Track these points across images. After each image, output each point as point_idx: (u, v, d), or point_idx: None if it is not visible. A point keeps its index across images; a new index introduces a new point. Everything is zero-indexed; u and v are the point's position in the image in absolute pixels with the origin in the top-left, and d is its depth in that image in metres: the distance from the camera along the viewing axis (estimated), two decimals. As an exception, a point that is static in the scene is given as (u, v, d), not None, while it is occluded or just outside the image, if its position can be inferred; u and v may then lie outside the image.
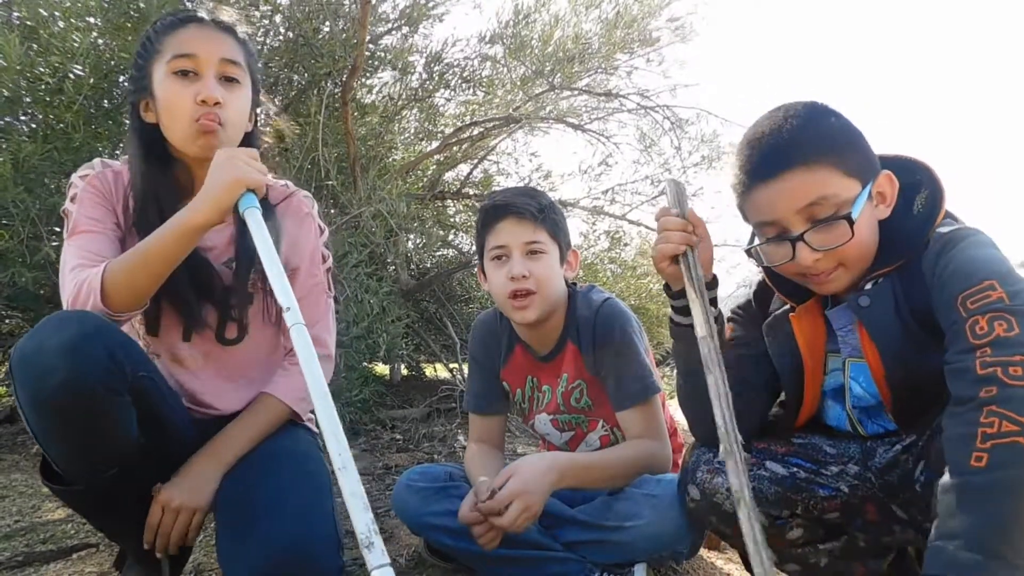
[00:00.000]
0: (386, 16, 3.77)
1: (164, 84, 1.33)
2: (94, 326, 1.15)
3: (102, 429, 1.18)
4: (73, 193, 1.38)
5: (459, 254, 4.62)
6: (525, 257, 1.66)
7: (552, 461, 1.53)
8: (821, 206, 1.16)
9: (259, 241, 1.13)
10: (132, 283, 1.22)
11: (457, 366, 3.90)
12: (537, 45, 4.24)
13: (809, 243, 1.18)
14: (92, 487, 1.25)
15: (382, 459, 2.83)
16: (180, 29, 1.36)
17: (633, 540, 1.51)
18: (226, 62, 1.36)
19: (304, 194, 1.57)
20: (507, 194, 1.74)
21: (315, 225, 1.56)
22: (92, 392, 1.12)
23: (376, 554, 0.81)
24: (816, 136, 1.19)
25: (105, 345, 1.14)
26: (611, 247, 4.81)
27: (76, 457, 1.21)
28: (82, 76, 2.57)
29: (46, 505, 2.09)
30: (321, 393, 0.94)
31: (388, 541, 1.92)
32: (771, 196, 1.20)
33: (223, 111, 1.33)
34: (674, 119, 4.50)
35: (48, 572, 1.63)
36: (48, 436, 1.18)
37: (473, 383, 1.91)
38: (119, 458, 1.23)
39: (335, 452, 0.89)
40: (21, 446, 2.75)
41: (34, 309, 2.87)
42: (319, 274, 1.55)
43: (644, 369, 1.68)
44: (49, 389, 1.09)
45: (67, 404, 1.11)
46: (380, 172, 3.63)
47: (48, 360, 1.09)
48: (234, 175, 1.19)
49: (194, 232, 1.22)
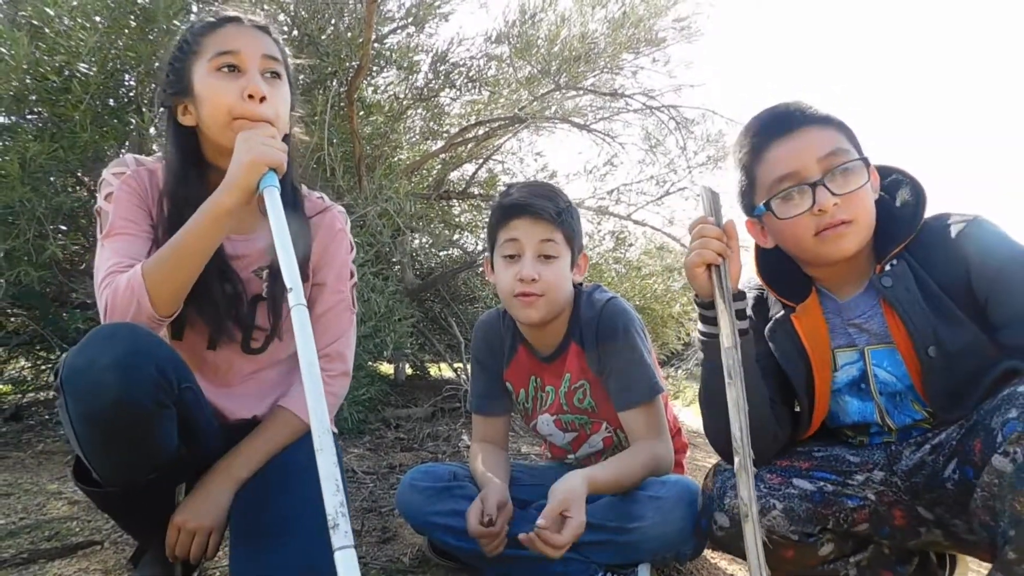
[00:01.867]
0: (392, 15, 3.77)
1: (207, 82, 1.33)
2: (144, 341, 1.17)
3: (148, 441, 1.20)
4: (108, 191, 1.37)
5: (464, 254, 4.62)
6: (537, 259, 1.64)
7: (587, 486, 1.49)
8: (837, 156, 1.28)
9: (273, 219, 1.13)
10: (171, 280, 1.23)
11: (461, 365, 3.89)
12: (543, 45, 4.24)
13: (829, 187, 1.27)
14: (127, 491, 1.27)
15: (386, 458, 2.83)
16: (220, 29, 1.36)
17: (637, 541, 1.51)
18: (268, 58, 1.37)
19: (339, 209, 1.57)
20: (526, 191, 1.69)
21: (347, 241, 1.57)
22: (143, 408, 1.14)
23: (339, 536, 0.82)
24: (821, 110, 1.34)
25: (155, 360, 1.16)
26: (616, 247, 4.81)
27: (120, 466, 1.22)
28: (88, 75, 2.57)
29: (51, 503, 2.09)
30: (313, 376, 0.94)
31: (392, 540, 1.92)
32: (790, 148, 1.31)
33: (268, 106, 1.32)
34: (679, 119, 4.50)
35: (52, 569, 1.64)
36: (95, 448, 1.19)
37: (476, 384, 1.91)
38: (159, 466, 1.25)
39: (316, 434, 0.90)
40: (26, 444, 2.76)
41: (39, 307, 2.88)
42: (345, 290, 1.55)
43: (647, 369, 1.67)
44: (102, 406, 1.10)
45: (119, 420, 1.12)
46: (386, 171, 3.63)
47: (101, 376, 1.10)
48: (253, 155, 1.20)
49: (223, 216, 1.22)
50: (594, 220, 4.82)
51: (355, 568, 0.80)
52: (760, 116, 1.38)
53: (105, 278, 1.25)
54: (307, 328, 0.99)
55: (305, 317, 1.00)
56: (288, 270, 1.05)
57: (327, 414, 0.92)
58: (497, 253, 1.71)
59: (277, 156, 1.21)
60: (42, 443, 2.75)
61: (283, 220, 1.12)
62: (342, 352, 1.54)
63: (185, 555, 1.30)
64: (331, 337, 1.53)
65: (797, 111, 1.33)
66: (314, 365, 0.96)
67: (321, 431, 0.90)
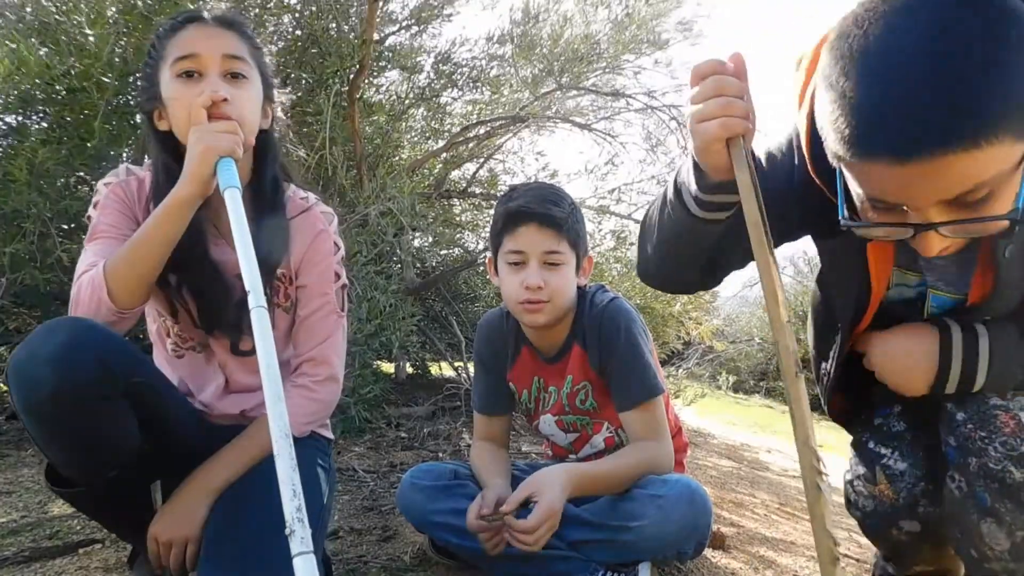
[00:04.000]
0: (395, 16, 3.78)
1: (170, 88, 1.31)
2: (84, 333, 1.15)
3: (97, 434, 1.19)
4: (96, 200, 1.38)
5: (465, 252, 4.63)
6: (542, 267, 1.63)
7: (568, 476, 1.52)
8: (975, 192, 0.81)
9: (233, 219, 1.11)
10: (130, 273, 1.23)
11: (463, 364, 3.90)
12: (546, 44, 4.24)
13: (944, 233, 0.87)
14: (95, 489, 1.26)
15: (387, 457, 2.84)
16: (181, 31, 1.33)
17: (638, 540, 1.51)
18: (230, 58, 1.33)
19: (323, 209, 1.54)
20: (531, 196, 1.67)
21: (330, 242, 1.52)
22: (81, 400, 1.13)
23: (296, 542, 0.82)
24: (1000, 90, 0.74)
25: (95, 352, 1.14)
26: (616, 246, 4.80)
27: (74, 461, 1.22)
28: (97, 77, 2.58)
29: (52, 501, 2.10)
30: (272, 378, 0.94)
31: (393, 539, 1.92)
32: (905, 180, 0.81)
33: (231, 108, 1.29)
34: (681, 118, 4.50)
35: (54, 568, 1.64)
36: (44, 442, 1.20)
37: (479, 383, 1.91)
38: (118, 461, 1.24)
39: (276, 437, 0.89)
40: (27, 442, 2.75)
41: (41, 307, 2.88)
42: (329, 292, 1.51)
43: (648, 370, 1.67)
44: (39, 399, 1.11)
45: (58, 413, 1.12)
46: (387, 171, 3.64)
47: (38, 370, 1.10)
48: (204, 143, 1.19)
49: (181, 207, 1.22)
50: (595, 219, 4.82)
51: (314, 573, 0.80)
52: (887, 86, 0.78)
53: (78, 278, 1.27)
54: (267, 331, 0.98)
55: (265, 319, 0.99)
56: (248, 272, 1.04)
57: (286, 417, 0.91)
58: (501, 258, 1.70)
59: (227, 143, 1.20)
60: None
61: (244, 221, 1.11)
62: (327, 356, 1.49)
63: (166, 566, 1.29)
64: (316, 340, 1.49)
65: (952, 116, 0.75)
66: (273, 368, 0.95)
67: (280, 435, 0.89)
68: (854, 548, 2.36)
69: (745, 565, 1.96)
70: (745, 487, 3.25)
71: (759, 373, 12.72)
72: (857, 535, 2.59)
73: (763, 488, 3.32)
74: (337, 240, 1.54)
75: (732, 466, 3.92)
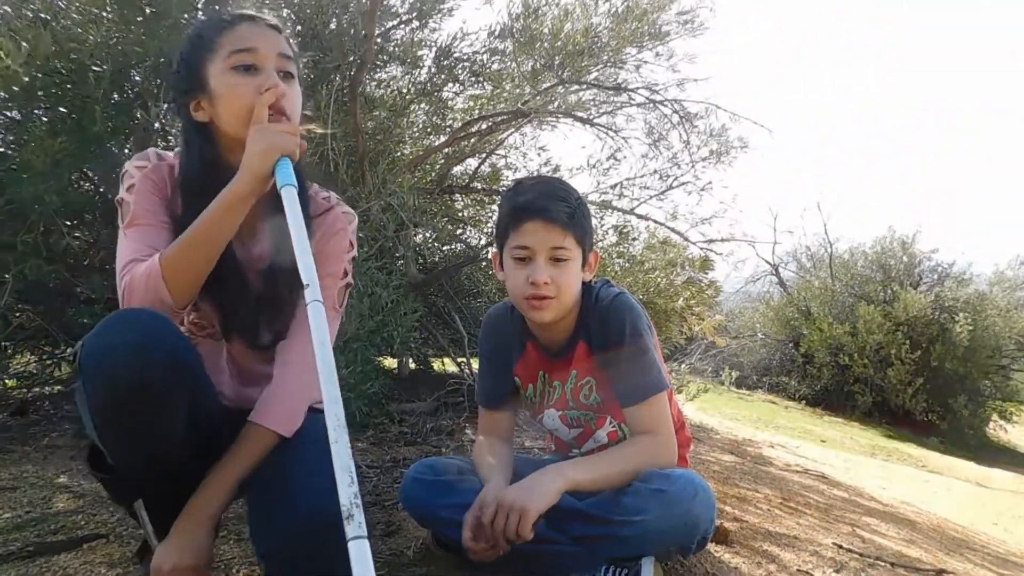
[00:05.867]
0: (396, 10, 3.77)
1: (223, 79, 1.35)
2: (160, 327, 1.20)
3: (160, 424, 1.22)
4: (130, 183, 1.40)
5: (467, 248, 4.62)
6: (548, 263, 1.63)
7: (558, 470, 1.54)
8: None
9: (291, 216, 1.13)
10: (187, 269, 1.27)
11: (465, 360, 3.90)
12: (547, 38, 4.23)
13: None
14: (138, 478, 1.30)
15: (390, 452, 2.84)
16: (236, 26, 1.38)
17: (641, 535, 1.50)
18: (283, 57, 1.38)
19: (344, 210, 1.56)
20: (537, 192, 1.66)
21: (345, 241, 1.54)
22: (156, 392, 1.17)
23: (353, 526, 0.82)
24: None
25: (170, 344, 1.19)
26: (619, 242, 4.80)
27: (131, 449, 1.24)
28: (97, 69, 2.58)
29: (56, 496, 2.10)
30: (329, 371, 0.95)
31: (396, 534, 1.92)
32: None
33: (288, 103, 1.35)
34: (683, 113, 4.49)
35: (58, 562, 1.65)
36: (108, 430, 1.22)
37: (483, 378, 1.91)
38: (168, 451, 1.27)
39: (331, 427, 0.91)
40: (31, 438, 2.77)
41: (44, 303, 2.88)
42: (331, 288, 1.51)
43: (653, 365, 1.67)
44: (117, 388, 1.14)
45: (133, 402, 1.16)
46: (389, 166, 3.63)
47: (117, 359, 1.14)
48: (266, 142, 1.23)
49: (238, 203, 1.25)
50: (597, 214, 4.81)
51: (368, 558, 0.81)
52: None
53: (125, 266, 1.29)
54: (323, 325, 0.99)
55: (322, 314, 1.01)
56: (305, 267, 1.06)
57: (342, 412, 0.93)
58: (507, 253, 1.69)
59: (290, 144, 1.24)
60: (47, 437, 2.76)
61: (300, 218, 1.13)
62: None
63: None
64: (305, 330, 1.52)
65: None
66: (330, 365, 0.96)
67: (336, 425, 0.91)
68: (857, 543, 2.37)
69: (748, 560, 1.96)
70: (748, 482, 3.25)
71: (762, 369, 12.74)
72: (861, 530, 2.60)
73: (766, 483, 3.32)
74: (352, 240, 1.55)
75: (735, 461, 3.92)
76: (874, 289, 11.84)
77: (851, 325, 11.22)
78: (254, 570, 1.64)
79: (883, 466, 5.93)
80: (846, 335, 11.11)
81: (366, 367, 3.06)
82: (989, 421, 11.49)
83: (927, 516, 3.65)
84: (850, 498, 3.49)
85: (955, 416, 10.57)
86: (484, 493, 1.56)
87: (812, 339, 11.47)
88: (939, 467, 6.90)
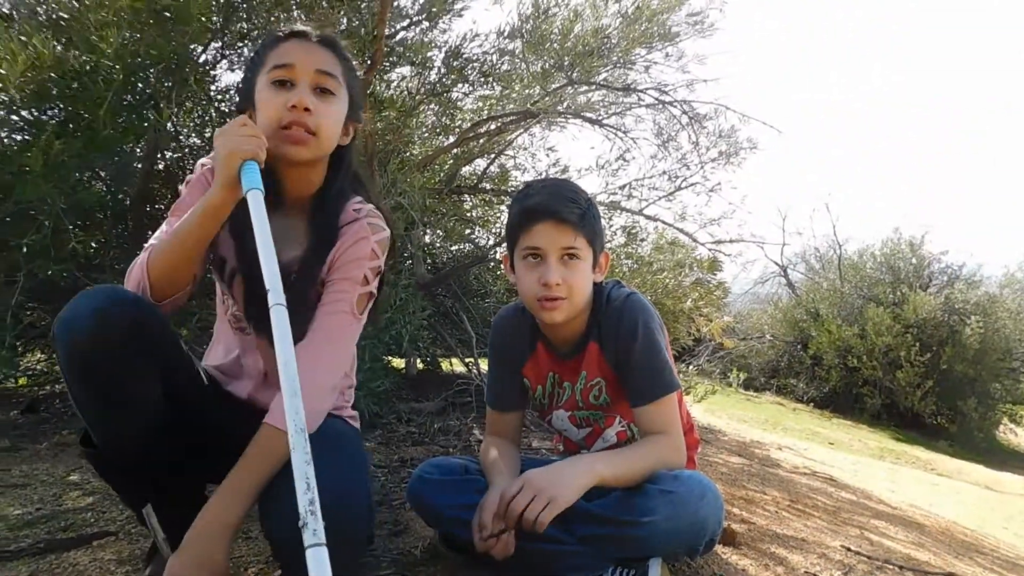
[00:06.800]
0: (406, 11, 3.77)
1: (262, 93, 1.40)
2: (123, 296, 1.27)
3: (125, 389, 1.26)
4: (189, 177, 1.48)
5: (475, 248, 4.63)
6: (560, 263, 1.63)
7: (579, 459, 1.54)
8: None
9: (256, 220, 1.14)
10: (166, 263, 1.31)
11: (473, 360, 3.90)
12: (556, 39, 4.23)
13: None
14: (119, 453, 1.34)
15: (397, 452, 2.85)
16: (283, 43, 1.43)
17: (649, 536, 1.50)
18: (321, 73, 1.41)
19: (371, 221, 1.54)
20: (547, 193, 1.67)
21: (367, 248, 1.52)
22: (115, 351, 1.21)
23: (308, 534, 0.84)
24: None
25: (131, 313, 1.24)
26: (627, 243, 4.80)
27: (102, 416, 1.29)
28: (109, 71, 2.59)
29: (67, 493, 2.12)
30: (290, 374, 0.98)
31: (403, 533, 1.93)
32: None
33: (314, 119, 1.37)
34: (692, 114, 4.49)
35: (68, 559, 1.66)
36: (78, 392, 1.27)
37: (492, 378, 1.91)
38: (142, 422, 1.31)
39: (292, 432, 0.92)
40: (42, 435, 2.79)
41: (52, 301, 2.90)
42: (351, 291, 1.49)
43: (664, 365, 1.67)
44: (80, 346, 1.20)
45: (94, 360, 1.21)
46: (399, 166, 3.64)
47: (79, 322, 1.20)
48: (227, 149, 1.24)
49: (211, 211, 1.28)
50: (606, 215, 4.80)
51: (327, 566, 0.82)
52: None
53: (144, 249, 1.36)
54: (286, 328, 1.02)
55: (284, 317, 1.04)
56: (268, 271, 1.08)
57: (302, 412, 0.94)
58: (518, 255, 1.69)
59: (250, 146, 1.25)
60: (57, 435, 2.78)
61: (265, 221, 1.14)
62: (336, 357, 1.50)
63: None
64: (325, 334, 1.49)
65: None
66: (291, 364, 0.99)
67: (295, 430, 0.92)
68: (866, 546, 2.36)
69: (756, 562, 1.96)
70: (756, 484, 3.24)
71: (770, 370, 12.72)
72: (870, 532, 2.59)
73: (774, 485, 3.31)
74: (376, 250, 1.53)
75: (743, 463, 3.91)
76: (883, 291, 11.79)
77: (860, 327, 11.19)
78: (263, 569, 1.65)
79: (892, 469, 5.90)
80: (855, 337, 11.08)
81: (375, 364, 3.06)
82: (999, 424, 11.44)
83: (936, 519, 3.64)
84: (858, 501, 3.48)
85: (965, 419, 10.53)
86: (490, 493, 1.56)
87: (821, 341, 11.44)
88: (948, 470, 6.87)
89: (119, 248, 3.06)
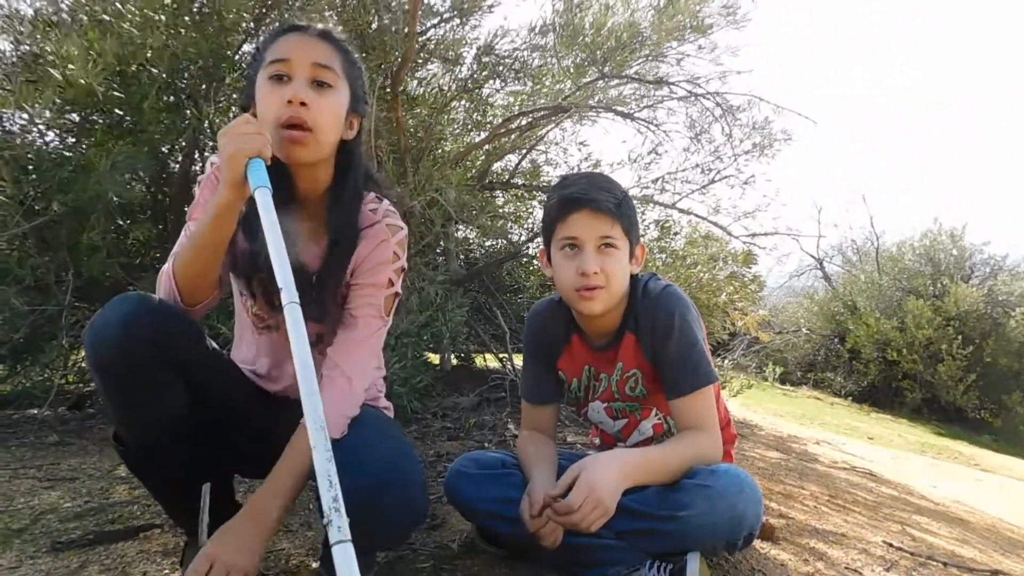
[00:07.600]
0: (436, 8, 3.79)
1: (261, 89, 1.39)
2: (149, 306, 1.30)
3: (150, 395, 1.31)
4: (201, 177, 1.50)
5: (508, 244, 4.63)
6: (597, 252, 1.64)
7: (623, 462, 1.52)
8: None
9: (264, 218, 1.14)
10: (190, 269, 1.36)
11: (507, 356, 3.91)
12: (589, 33, 4.21)
13: None
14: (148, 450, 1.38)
15: (433, 447, 2.87)
16: (281, 38, 1.42)
17: (686, 530, 1.50)
18: (318, 66, 1.39)
19: (389, 223, 1.54)
20: (583, 184, 1.68)
21: (389, 251, 1.52)
22: (139, 359, 1.26)
23: (333, 531, 0.85)
24: None
25: (157, 322, 1.29)
26: (660, 236, 4.76)
27: (129, 417, 1.34)
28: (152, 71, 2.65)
29: (114, 487, 2.17)
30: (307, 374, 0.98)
31: (440, 527, 1.94)
32: None
33: (310, 113, 1.35)
34: (725, 106, 4.43)
35: (116, 550, 1.70)
36: (105, 395, 1.33)
37: (527, 372, 1.92)
38: (168, 425, 1.35)
39: (312, 430, 0.93)
40: (88, 431, 2.86)
41: (100, 300, 2.97)
42: (377, 295, 1.51)
43: (701, 357, 1.66)
44: (104, 353, 1.26)
45: (118, 367, 1.26)
46: (432, 163, 3.66)
47: (107, 331, 1.25)
48: (231, 148, 1.23)
49: (222, 212, 1.29)
50: (639, 209, 4.77)
51: (353, 561, 0.82)
52: None
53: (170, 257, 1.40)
54: (300, 326, 1.02)
55: (298, 315, 1.03)
56: (280, 269, 1.08)
57: (321, 409, 0.95)
58: (555, 246, 1.70)
59: (254, 144, 1.24)
60: (104, 431, 2.85)
61: (275, 220, 1.13)
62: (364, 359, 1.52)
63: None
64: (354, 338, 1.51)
65: None
66: (307, 363, 0.99)
67: (315, 428, 0.93)
68: (908, 541, 2.32)
69: (795, 557, 1.94)
70: (794, 478, 3.21)
71: (806, 364, 12.53)
72: (911, 528, 2.55)
73: (812, 480, 3.27)
74: (398, 251, 1.54)
75: (780, 457, 3.87)
76: (923, 283, 11.53)
77: (899, 320, 10.97)
78: (303, 561, 1.68)
79: (933, 464, 5.79)
80: (894, 330, 10.86)
81: (416, 361, 3.09)
82: (1045, 419, 11.14)
83: (980, 515, 3.56)
84: (899, 496, 3.43)
85: (1009, 413, 10.28)
86: (531, 488, 1.57)
87: (858, 334, 11.24)
88: (992, 465, 6.72)
89: (160, 248, 3.12)
